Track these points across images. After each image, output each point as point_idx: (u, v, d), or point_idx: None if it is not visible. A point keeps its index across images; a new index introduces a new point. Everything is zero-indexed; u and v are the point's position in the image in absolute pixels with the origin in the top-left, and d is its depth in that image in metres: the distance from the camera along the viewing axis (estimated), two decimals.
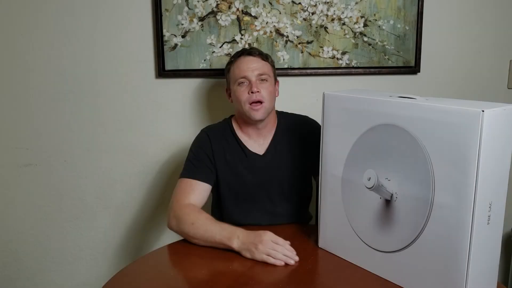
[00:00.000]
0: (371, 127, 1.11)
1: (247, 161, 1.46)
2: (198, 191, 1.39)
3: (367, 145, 1.12)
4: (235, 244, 1.23)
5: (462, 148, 0.93)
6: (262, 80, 1.44)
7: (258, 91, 1.42)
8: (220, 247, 1.26)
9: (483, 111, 0.89)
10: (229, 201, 1.49)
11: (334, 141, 1.21)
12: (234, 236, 1.24)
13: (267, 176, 1.47)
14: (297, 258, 1.20)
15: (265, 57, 1.50)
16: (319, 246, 1.30)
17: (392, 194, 1.08)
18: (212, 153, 1.44)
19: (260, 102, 1.42)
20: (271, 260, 1.19)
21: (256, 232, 1.23)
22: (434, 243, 1.00)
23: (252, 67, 1.43)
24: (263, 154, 1.48)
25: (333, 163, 1.22)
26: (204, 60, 1.81)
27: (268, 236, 1.21)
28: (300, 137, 1.50)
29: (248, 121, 1.47)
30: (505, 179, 0.98)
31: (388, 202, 1.09)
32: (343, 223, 1.21)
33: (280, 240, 1.22)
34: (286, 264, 1.19)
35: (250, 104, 1.42)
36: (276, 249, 1.19)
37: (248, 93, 1.42)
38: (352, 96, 1.16)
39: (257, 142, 1.49)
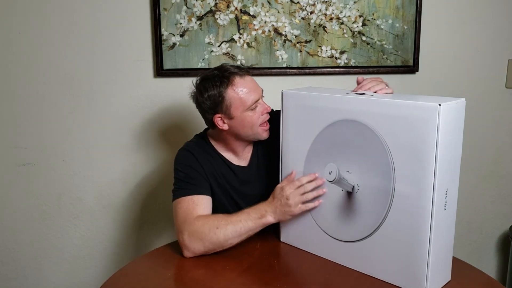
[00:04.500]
0: (331, 122, 1.15)
1: (234, 175, 1.40)
2: (204, 205, 1.29)
3: (327, 140, 1.17)
4: (271, 218, 1.22)
5: (420, 140, 0.99)
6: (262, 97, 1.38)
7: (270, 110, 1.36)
8: (257, 231, 1.23)
9: (440, 105, 0.95)
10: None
11: (294, 138, 1.25)
12: (263, 213, 1.22)
13: (257, 185, 1.42)
14: (323, 180, 1.19)
15: None
16: (281, 240, 1.33)
17: (353, 186, 1.13)
18: (203, 169, 1.35)
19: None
20: (309, 206, 1.20)
21: (274, 195, 1.23)
22: (396, 230, 1.06)
23: (255, 87, 1.34)
24: (248, 165, 1.42)
25: (294, 159, 1.25)
26: (203, 59, 1.80)
27: (286, 189, 1.20)
28: (277, 134, 1.35)
29: (244, 140, 1.38)
30: (457, 166, 1.06)
31: (350, 194, 1.14)
32: (305, 216, 1.25)
33: (295, 182, 1.21)
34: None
35: (261, 125, 1.34)
36: (304, 190, 1.19)
37: (262, 114, 1.34)
38: (311, 93, 1.20)
39: (241, 156, 1.42)
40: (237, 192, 1.40)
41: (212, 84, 1.31)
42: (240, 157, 1.42)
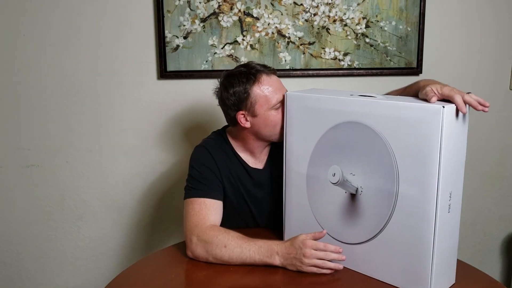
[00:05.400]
0: (335, 125, 1.15)
1: (249, 177, 1.39)
2: (215, 210, 1.29)
3: (331, 142, 1.16)
4: (277, 261, 1.17)
5: (424, 142, 0.99)
6: None
7: None
8: (260, 265, 1.19)
9: (443, 107, 0.96)
10: (226, 217, 1.37)
11: (298, 140, 1.24)
12: (273, 253, 1.17)
13: (269, 188, 1.42)
14: (343, 258, 1.15)
15: None
16: None
17: (357, 188, 1.13)
18: (218, 170, 1.34)
19: None
20: (321, 271, 1.15)
21: (294, 242, 1.17)
22: (400, 233, 1.06)
23: (281, 86, 1.33)
24: (263, 168, 1.41)
25: (297, 161, 1.25)
26: (206, 61, 1.81)
27: (308, 246, 1.15)
28: None
29: (263, 141, 1.37)
30: (461, 168, 1.06)
31: (353, 196, 1.14)
32: (308, 218, 1.24)
33: (320, 244, 1.15)
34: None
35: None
36: (322, 257, 1.14)
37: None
38: (315, 95, 1.20)
39: (258, 158, 1.41)
40: (249, 194, 1.40)
41: (238, 80, 1.30)
42: (257, 159, 1.41)
